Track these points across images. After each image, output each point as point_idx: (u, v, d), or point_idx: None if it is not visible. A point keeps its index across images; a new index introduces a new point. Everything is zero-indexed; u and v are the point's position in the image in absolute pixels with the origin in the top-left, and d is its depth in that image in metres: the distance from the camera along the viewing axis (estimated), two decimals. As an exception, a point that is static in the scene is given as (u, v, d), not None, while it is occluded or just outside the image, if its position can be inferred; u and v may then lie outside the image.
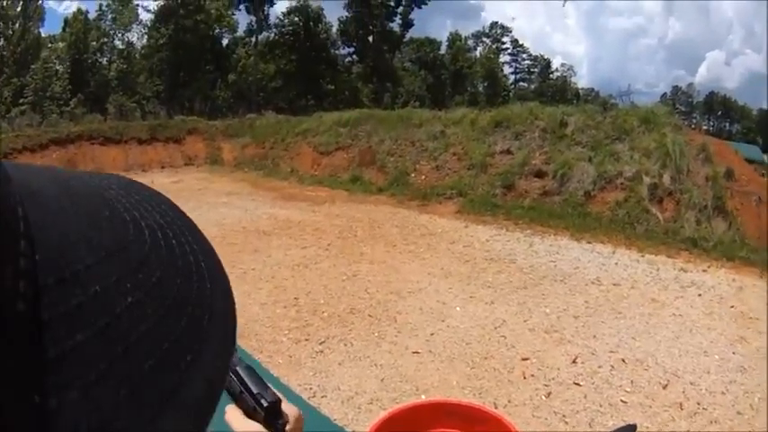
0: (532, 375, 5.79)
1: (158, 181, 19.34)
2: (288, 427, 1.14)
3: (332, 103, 36.42)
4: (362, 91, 45.61)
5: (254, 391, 1.14)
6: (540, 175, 13.27)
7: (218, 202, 15.84)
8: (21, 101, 34.90)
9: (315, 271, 9.52)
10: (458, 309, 7.62)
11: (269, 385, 1.16)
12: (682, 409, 5.22)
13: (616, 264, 8.83)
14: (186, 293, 0.40)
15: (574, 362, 5.98)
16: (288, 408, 1.16)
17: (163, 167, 23.51)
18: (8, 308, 0.27)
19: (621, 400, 5.30)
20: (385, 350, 6.71)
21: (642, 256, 9.22)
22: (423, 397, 5.62)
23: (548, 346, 6.36)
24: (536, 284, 8.14)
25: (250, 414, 1.13)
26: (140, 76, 41.85)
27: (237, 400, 1.14)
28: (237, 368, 1.17)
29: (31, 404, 0.28)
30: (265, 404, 1.12)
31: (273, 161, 21.90)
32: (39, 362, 0.28)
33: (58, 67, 39.33)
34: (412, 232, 11.43)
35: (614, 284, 7.98)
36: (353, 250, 10.54)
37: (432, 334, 6.97)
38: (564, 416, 5.09)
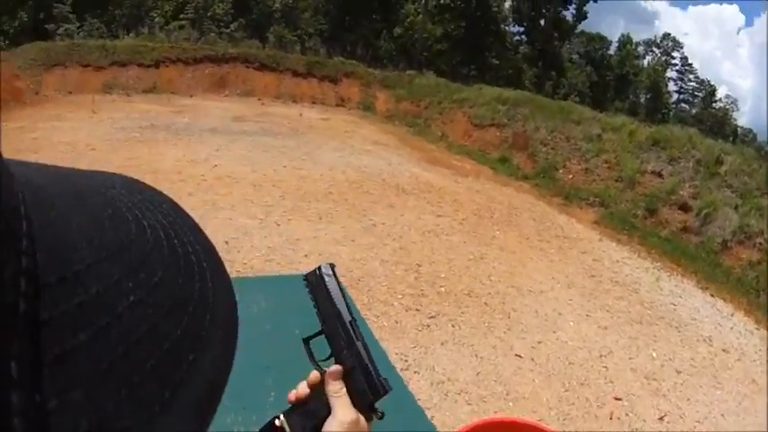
0: (619, 418, 5.72)
1: (307, 115, 19.66)
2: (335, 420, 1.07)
3: (493, 78, 35.44)
4: (526, 73, 44.53)
5: (380, 375, 1.12)
6: (684, 208, 12.83)
7: (363, 149, 15.85)
8: (180, 16, 35.24)
9: (444, 242, 9.54)
10: (571, 323, 7.54)
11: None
12: None
13: (731, 328, 8.47)
14: (188, 293, 0.41)
15: (661, 419, 5.87)
16: (346, 413, 1.09)
17: (314, 103, 23.65)
18: (9, 307, 0.28)
19: None
20: (490, 344, 6.70)
21: (758, 329, 8.75)
22: (510, 404, 5.66)
23: (643, 393, 6.24)
24: (651, 323, 7.94)
25: (351, 391, 1.09)
26: (305, 12, 41.67)
27: (345, 373, 1.11)
28: (358, 343, 1.14)
29: (33, 404, 0.28)
30: (382, 392, 1.10)
31: (426, 122, 21.70)
32: (40, 361, 0.29)
33: None
34: (547, 230, 11.29)
35: (723, 350, 7.68)
36: (486, 231, 10.49)
37: (539, 342, 6.93)
38: None
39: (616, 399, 6.05)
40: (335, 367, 1.12)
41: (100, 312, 0.33)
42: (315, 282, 1.21)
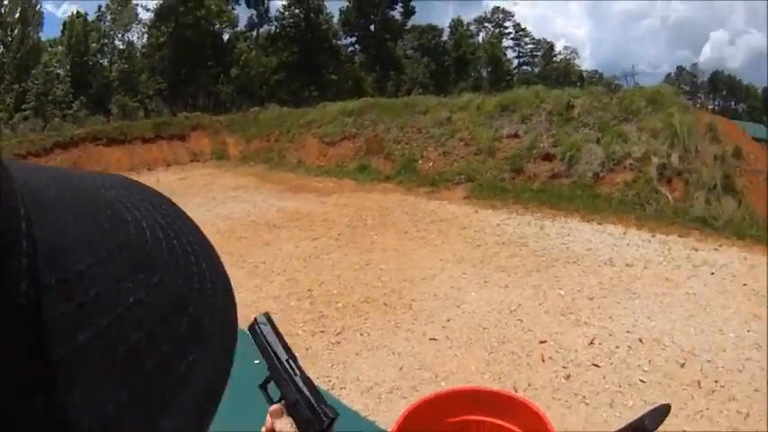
0: (551, 358, 5.79)
1: (164, 179, 19.38)
2: None
3: (335, 93, 36.04)
4: (366, 80, 45.43)
5: (316, 405, 1.17)
6: (548, 158, 13.21)
7: (226, 197, 15.81)
8: (23, 106, 34.86)
9: (326, 261, 9.50)
10: (473, 294, 7.60)
11: (325, 400, 1.19)
12: (700, 387, 5.24)
13: (628, 244, 8.80)
14: (187, 294, 0.40)
15: (591, 343, 5.99)
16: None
17: (168, 165, 23.44)
18: (9, 308, 0.28)
19: (640, 380, 5.31)
20: (402, 338, 6.71)
21: (653, 235, 9.18)
22: (443, 384, 5.65)
23: (564, 329, 6.36)
24: (549, 267, 8.12)
25: (300, 424, 1.16)
26: (142, 75, 41.67)
27: (290, 408, 1.18)
28: (297, 378, 1.21)
29: (33, 405, 0.28)
30: (326, 421, 1.15)
31: (279, 153, 21.75)
32: (40, 362, 0.29)
33: (59, 71, 39.34)
34: (422, 219, 11.38)
35: (627, 265, 7.95)
36: (364, 239, 10.51)
37: (448, 320, 6.96)
38: (584, 397, 5.11)
39: (541, 342, 6.12)
40: (275, 406, 1.21)
41: (100, 313, 0.32)
42: (254, 332, 1.31)
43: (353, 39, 50.79)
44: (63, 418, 0.29)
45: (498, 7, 68.53)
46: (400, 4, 50.27)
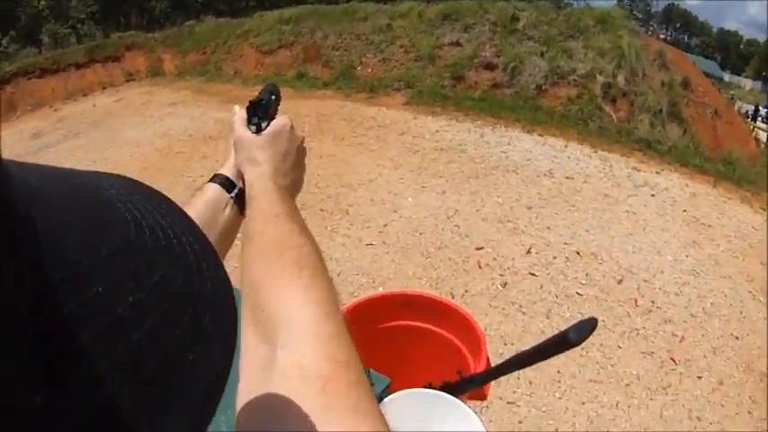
0: (488, 265, 5.83)
1: (100, 102, 19.09)
2: (270, 130, 1.22)
3: (273, 2, 35.37)
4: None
5: (258, 96, 1.28)
6: (490, 67, 13.03)
7: (163, 114, 15.49)
8: None
9: (263, 168, 9.39)
10: (410, 199, 7.61)
11: (277, 93, 1.33)
12: (636, 306, 5.33)
13: (568, 157, 8.81)
14: (187, 293, 0.40)
15: (528, 252, 6.03)
16: (279, 118, 1.27)
17: (104, 88, 22.78)
18: (10, 307, 0.27)
19: (577, 293, 5.38)
20: (339, 243, 6.72)
21: (595, 152, 9.20)
22: (380, 289, 5.65)
23: (502, 236, 6.39)
24: (488, 174, 8.12)
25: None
26: (72, 0, 40.25)
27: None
28: (266, 84, 1.33)
29: (33, 405, 0.28)
30: (257, 100, 1.26)
31: (216, 65, 21.25)
32: (41, 362, 0.29)
33: None
34: (360, 125, 11.26)
35: (567, 177, 7.99)
36: (301, 146, 10.36)
37: (385, 225, 6.98)
38: (521, 306, 5.17)
39: (478, 249, 6.16)
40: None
41: (101, 313, 0.33)
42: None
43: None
44: (63, 418, 0.29)
45: None
46: None
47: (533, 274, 5.66)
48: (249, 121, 1.24)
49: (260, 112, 1.24)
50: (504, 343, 4.77)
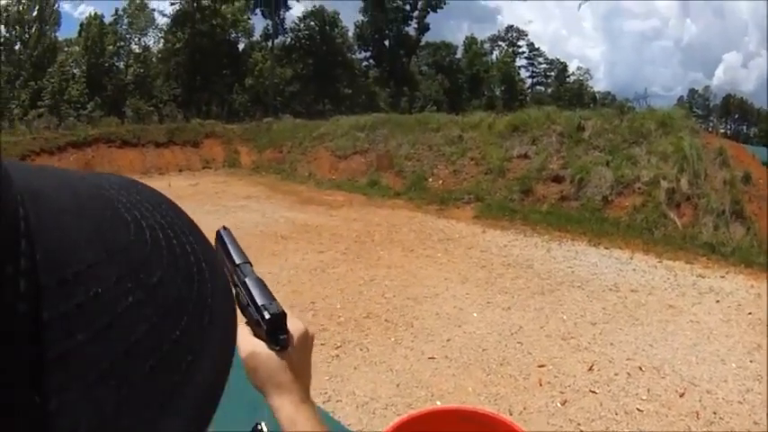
0: (548, 383, 5.72)
1: (176, 184, 19.33)
2: (293, 343, 1.12)
3: (349, 107, 36.03)
4: (379, 95, 45.50)
5: (259, 302, 1.13)
6: (557, 179, 13.12)
7: (236, 206, 15.77)
8: (38, 103, 34.83)
9: (332, 275, 9.46)
10: (474, 314, 7.55)
11: (276, 298, 1.15)
12: (698, 419, 5.13)
13: (634, 270, 8.66)
14: (187, 294, 0.40)
15: (590, 369, 5.90)
16: (293, 324, 1.13)
17: (180, 171, 23.43)
18: (9, 308, 0.28)
19: (637, 408, 5.22)
20: (401, 355, 6.65)
21: (660, 261, 9.02)
22: (438, 403, 5.58)
23: (564, 353, 6.28)
24: (553, 290, 8.02)
25: (255, 328, 1.13)
26: (157, 79, 41.83)
27: (244, 312, 1.14)
28: (246, 279, 1.17)
29: (32, 404, 0.28)
30: (267, 316, 1.11)
31: (291, 165, 21.74)
32: (39, 362, 0.29)
33: (74, 71, 39.42)
34: (429, 237, 11.30)
35: (632, 291, 7.84)
36: (371, 255, 10.47)
37: (448, 339, 6.91)
38: (579, 424, 5.04)
39: (540, 366, 6.04)
40: None
41: (99, 313, 0.33)
42: (217, 241, 1.28)
43: (368, 53, 51.17)
44: (63, 418, 0.29)
45: (512, 26, 69.00)
46: (415, 21, 50.48)
47: (593, 392, 5.52)
48: (271, 339, 1.12)
49: (284, 326, 1.13)
50: None
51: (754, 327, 7.15)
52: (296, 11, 58.47)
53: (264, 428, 1.18)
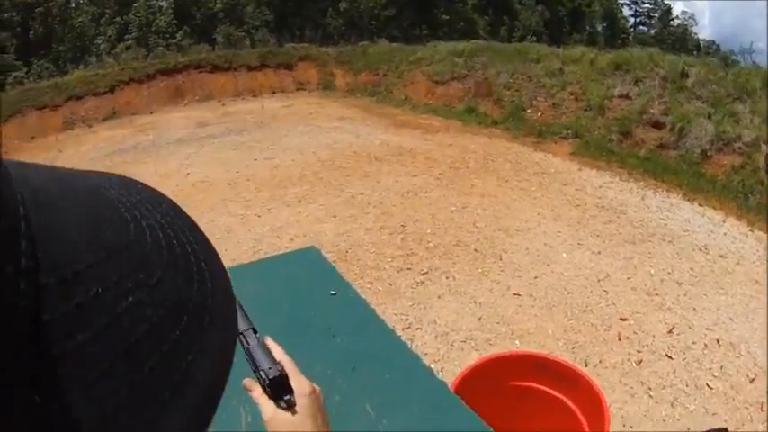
0: (627, 338, 5.66)
1: (269, 105, 19.45)
2: (300, 402, 1.16)
3: (447, 33, 34.83)
4: (478, 23, 44.08)
5: (259, 367, 1.19)
6: (657, 125, 12.60)
7: (330, 127, 15.70)
8: (125, 37, 34.81)
9: (424, 200, 9.48)
10: (564, 255, 7.47)
11: (277, 361, 1.21)
12: (761, 411, 4.86)
13: (725, 234, 8.30)
14: (187, 293, 0.40)
15: (670, 332, 5.77)
16: (298, 383, 1.19)
17: (274, 93, 23.28)
18: (9, 308, 0.28)
19: (707, 384, 5.05)
20: (486, 288, 6.67)
21: (751, 230, 8.53)
22: (517, 342, 5.65)
23: (647, 310, 6.15)
24: (644, 241, 7.81)
25: (265, 390, 1.18)
26: (248, 6, 40.78)
27: (256, 376, 1.20)
28: (250, 346, 1.21)
29: (32, 404, 0.28)
30: (267, 381, 1.18)
31: (387, 88, 21.35)
32: (39, 362, 0.29)
33: (161, 3, 38.79)
34: (525, 169, 11.13)
35: (721, 256, 7.53)
36: (464, 182, 10.40)
37: (535, 277, 6.89)
38: (650, 388, 4.97)
39: (621, 319, 5.97)
40: (245, 380, 1.23)
41: (99, 313, 0.32)
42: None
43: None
44: (62, 418, 0.30)
45: (616, -39, 65.73)
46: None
47: (669, 357, 5.40)
48: (276, 399, 1.18)
49: (286, 387, 1.19)
50: (623, 425, 4.58)
51: None
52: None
53: None
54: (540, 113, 15.31)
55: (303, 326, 2.69)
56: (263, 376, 1.19)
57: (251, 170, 11.77)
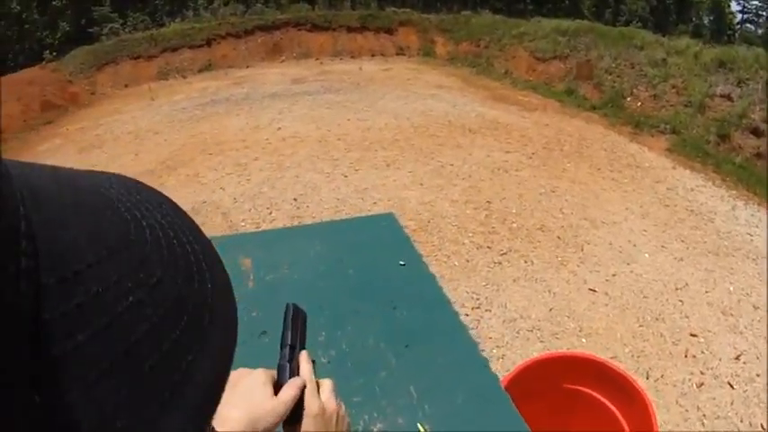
0: (694, 356, 5.43)
1: (367, 68, 19.35)
2: (305, 420, 1.13)
3: (551, 10, 33.79)
4: (584, 2, 42.86)
5: (280, 381, 1.17)
6: (756, 132, 11.98)
7: (427, 94, 15.51)
8: None
9: (514, 177, 9.36)
10: (646, 255, 7.22)
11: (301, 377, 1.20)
12: None
13: None
14: (187, 293, 0.40)
15: (737, 358, 5.45)
16: (310, 403, 1.15)
17: (373, 55, 23.28)
18: (9, 307, 0.28)
19: (762, 426, 4.73)
20: (563, 278, 6.56)
21: None
22: (583, 341, 5.55)
23: (719, 329, 5.86)
24: (728, 255, 7.42)
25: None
26: None
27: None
28: (279, 364, 1.21)
29: (32, 404, 0.28)
30: (282, 343, 1.23)
31: (487, 60, 20.96)
32: (39, 362, 0.29)
33: None
34: (619, 159, 10.80)
35: None
36: (556, 164, 10.22)
37: (613, 275, 6.71)
38: (704, 415, 4.75)
39: (692, 335, 5.75)
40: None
41: (100, 313, 0.32)
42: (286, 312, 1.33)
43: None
44: (62, 418, 0.29)
45: (726, -46, 62.70)
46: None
47: (731, 386, 5.10)
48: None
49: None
50: None
51: None
52: None
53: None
54: (639, 103, 14.80)
55: (364, 294, 2.64)
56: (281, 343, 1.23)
57: (342, 130, 11.80)
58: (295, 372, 1.21)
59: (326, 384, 1.22)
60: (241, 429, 1.03)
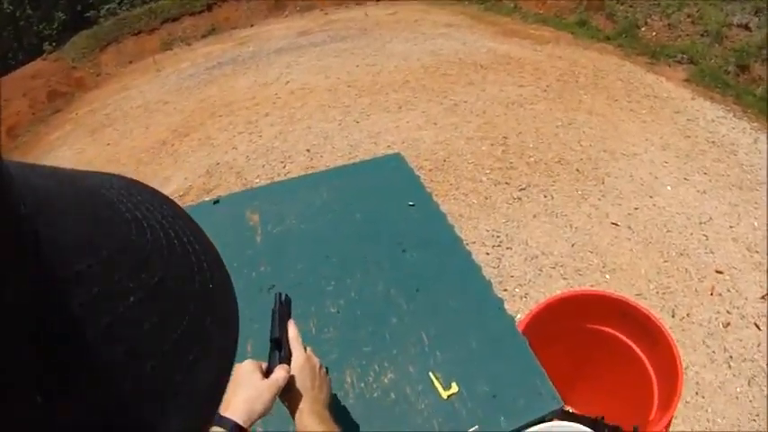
0: (720, 294, 5.14)
1: (372, 12, 18.74)
2: (292, 364, 1.34)
3: None
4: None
5: (270, 328, 1.41)
6: None
7: (435, 33, 14.98)
8: None
9: (529, 111, 9.02)
10: (668, 188, 6.88)
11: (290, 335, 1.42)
12: None
13: None
14: (188, 293, 0.39)
15: (763, 298, 5.12)
16: (299, 355, 1.36)
17: (378, 0, 22.75)
18: (10, 308, 0.27)
19: None
20: (584, 212, 6.30)
21: None
22: (607, 277, 5.33)
23: (745, 266, 5.53)
24: (752, 188, 7.00)
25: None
26: None
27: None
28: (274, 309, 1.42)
29: (33, 405, 0.27)
30: (271, 337, 1.39)
31: None
32: (41, 362, 0.28)
33: None
34: (636, 90, 10.39)
35: None
36: (572, 96, 9.84)
37: (636, 208, 6.41)
38: (731, 357, 4.49)
39: (717, 272, 5.46)
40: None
41: (101, 313, 0.32)
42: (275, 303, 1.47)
43: None
44: (63, 418, 0.29)
45: None
46: None
47: (758, 326, 4.80)
48: (270, 354, 1.37)
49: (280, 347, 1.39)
50: (695, 392, 4.20)
51: None
52: None
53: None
54: (654, 33, 14.24)
55: (372, 238, 2.54)
56: (270, 337, 1.40)
57: (352, 77, 11.45)
58: (284, 360, 1.33)
59: (308, 349, 1.42)
60: (240, 411, 1.13)
